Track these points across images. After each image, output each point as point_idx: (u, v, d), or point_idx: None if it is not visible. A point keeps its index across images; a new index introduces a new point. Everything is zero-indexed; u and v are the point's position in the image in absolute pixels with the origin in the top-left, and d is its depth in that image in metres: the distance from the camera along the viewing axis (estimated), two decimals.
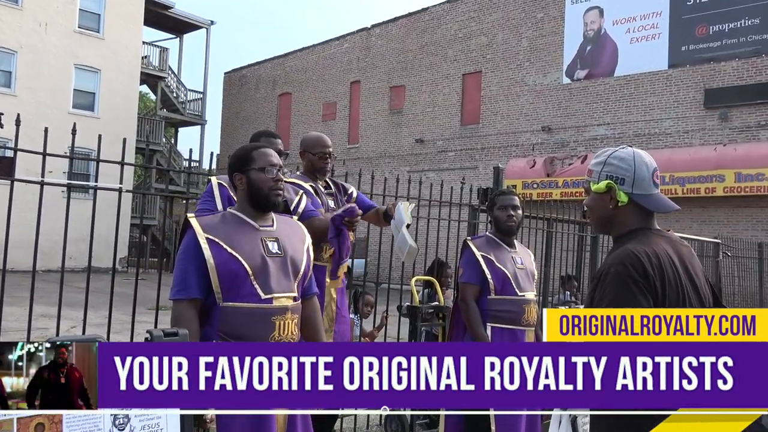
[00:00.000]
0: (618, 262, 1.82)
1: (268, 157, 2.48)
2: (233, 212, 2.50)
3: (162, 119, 27.95)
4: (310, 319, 2.61)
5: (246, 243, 2.38)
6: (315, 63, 27.88)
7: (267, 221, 2.50)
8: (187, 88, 29.60)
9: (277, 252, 2.43)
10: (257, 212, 2.48)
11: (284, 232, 2.52)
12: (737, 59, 16.92)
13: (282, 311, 2.37)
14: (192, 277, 2.33)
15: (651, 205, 1.94)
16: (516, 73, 21.15)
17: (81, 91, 23.18)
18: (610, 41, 19.22)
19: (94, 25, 23.50)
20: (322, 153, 3.65)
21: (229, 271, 2.32)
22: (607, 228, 2.02)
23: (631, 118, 18.53)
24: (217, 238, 2.36)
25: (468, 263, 3.94)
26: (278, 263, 2.42)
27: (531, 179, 19.18)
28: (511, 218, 3.95)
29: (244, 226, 2.44)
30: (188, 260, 2.35)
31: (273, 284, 2.37)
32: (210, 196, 3.11)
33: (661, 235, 1.95)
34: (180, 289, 2.34)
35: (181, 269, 2.35)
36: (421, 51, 24.01)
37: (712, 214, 16.54)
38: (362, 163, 24.22)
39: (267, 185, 2.44)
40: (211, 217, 2.46)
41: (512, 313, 3.85)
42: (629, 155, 1.96)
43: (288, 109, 28.91)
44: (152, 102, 33.78)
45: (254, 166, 2.46)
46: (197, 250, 2.34)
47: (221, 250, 2.34)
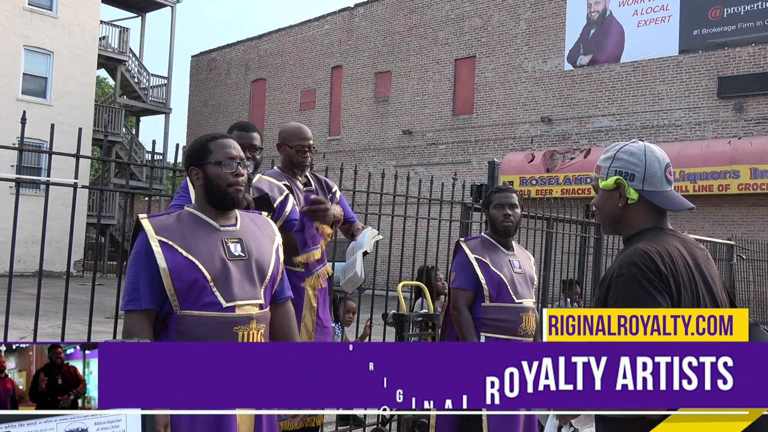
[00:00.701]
0: (630, 263, 1.84)
1: (227, 149, 2.42)
2: (191, 211, 2.46)
3: (122, 107, 27.75)
4: (282, 327, 2.59)
5: (204, 246, 2.34)
6: (292, 46, 27.82)
7: (229, 220, 2.46)
8: (150, 73, 29.39)
9: (240, 254, 2.40)
10: (217, 211, 2.44)
11: (249, 232, 2.48)
12: (753, 44, 17.10)
13: (245, 320, 2.34)
14: (144, 286, 2.30)
15: (663, 202, 1.97)
16: (513, 59, 21.23)
17: (31, 76, 22.95)
18: (615, 24, 19.35)
19: (45, 2, 23.29)
20: (300, 146, 3.63)
21: (185, 278, 2.29)
22: (617, 228, 2.05)
23: (639, 108, 18.67)
24: (171, 241, 2.32)
25: (461, 267, 3.95)
26: (241, 267, 2.38)
27: (529, 175, 19.27)
28: (508, 218, 3.96)
29: (203, 227, 2.40)
30: (139, 266, 2.31)
31: (235, 291, 2.34)
32: (186, 191, 3.08)
33: (674, 236, 1.98)
34: (131, 299, 2.30)
35: (132, 277, 2.32)
36: (409, 33, 24.04)
37: (726, 214, 16.71)
38: (344, 157, 24.22)
39: (226, 181, 2.39)
40: (165, 217, 2.42)
41: (509, 321, 3.87)
42: (640, 149, 1.99)
43: (262, 97, 28.83)
44: (111, 88, 33.54)
45: (211, 160, 2.40)
46: (149, 254, 2.30)
47: (176, 254, 2.30)
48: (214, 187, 2.40)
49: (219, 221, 2.43)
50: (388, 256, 5.81)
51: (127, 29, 28.06)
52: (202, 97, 31.55)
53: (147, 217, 2.39)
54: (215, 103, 30.69)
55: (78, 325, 9.01)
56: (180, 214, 2.44)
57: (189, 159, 2.46)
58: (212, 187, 2.40)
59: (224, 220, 2.44)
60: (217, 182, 2.39)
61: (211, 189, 2.41)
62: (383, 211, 5.23)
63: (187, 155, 2.48)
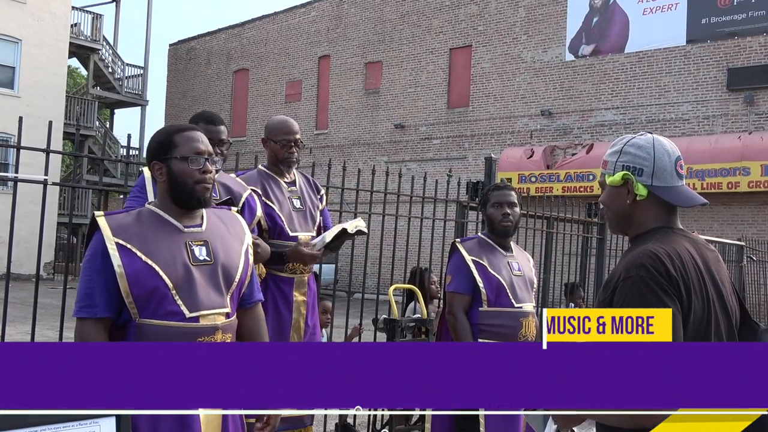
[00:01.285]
0: (638, 264, 1.84)
1: (194, 143, 2.34)
2: (152, 209, 2.38)
3: (95, 99, 27.65)
4: (252, 332, 2.54)
5: (165, 249, 2.28)
6: (277, 34, 27.78)
7: (194, 220, 2.39)
8: (124, 63, 29.31)
9: (205, 259, 2.34)
10: (182, 210, 2.36)
11: (216, 233, 2.41)
12: (765, 34, 17.20)
13: (210, 331, 2.30)
14: (99, 292, 2.23)
15: (673, 198, 1.97)
16: (512, 48, 21.28)
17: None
18: (620, 12, 19.42)
19: None
20: (286, 140, 3.61)
21: (143, 285, 2.22)
22: (625, 226, 2.05)
23: (644, 101, 18.75)
24: (129, 243, 2.24)
25: (457, 270, 3.95)
26: (206, 273, 2.33)
27: (528, 171, 19.32)
28: (507, 217, 3.96)
29: (164, 228, 2.33)
30: (94, 270, 2.24)
31: (200, 299, 2.29)
32: (141, 191, 3.02)
33: (684, 236, 1.98)
34: (84, 305, 2.24)
35: (86, 281, 2.25)
36: (401, 21, 24.05)
37: (736, 213, 16.80)
38: (332, 152, 24.21)
39: (192, 178, 2.32)
40: (124, 215, 2.34)
41: (507, 327, 3.87)
42: (648, 142, 1.99)
43: (245, 89, 28.78)
44: (83, 78, 33.38)
45: (176, 154, 2.32)
46: (105, 257, 2.23)
47: (133, 258, 2.23)
48: (179, 185, 2.32)
49: (183, 221, 2.35)
50: (379, 257, 5.81)
51: (100, 16, 27.96)
52: (181, 89, 31.46)
53: (104, 215, 2.30)
54: (194, 94, 30.61)
55: (49, 331, 8.97)
56: (140, 212, 2.36)
57: (151, 152, 2.37)
58: (177, 184, 2.32)
59: (189, 220, 2.37)
60: (182, 179, 2.31)
61: (175, 186, 2.32)
62: (374, 210, 5.22)
63: (149, 148, 2.40)
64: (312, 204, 3.72)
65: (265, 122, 3.81)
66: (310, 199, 3.73)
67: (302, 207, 3.65)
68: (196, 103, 29.94)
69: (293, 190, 3.67)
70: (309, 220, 3.66)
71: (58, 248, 26.11)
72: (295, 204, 3.62)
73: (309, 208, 3.69)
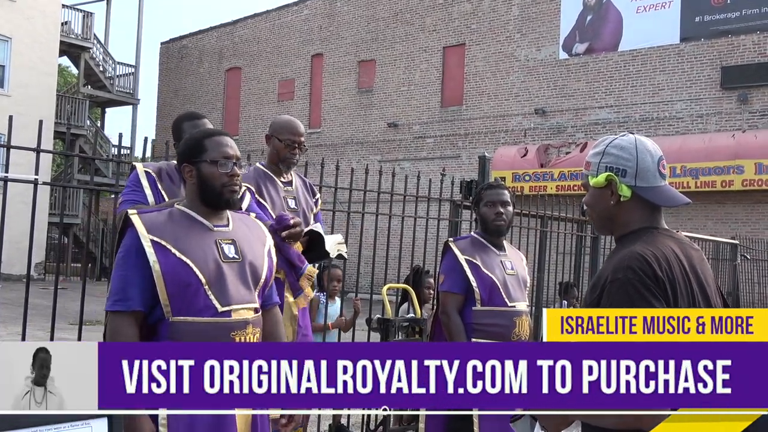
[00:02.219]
0: (625, 267, 1.86)
1: (223, 148, 2.46)
2: (182, 209, 2.49)
3: (86, 98, 27.56)
4: (271, 335, 2.62)
5: (197, 246, 2.38)
6: (269, 32, 27.75)
7: (222, 220, 2.50)
8: (116, 61, 29.24)
9: (234, 256, 2.44)
10: (210, 210, 2.48)
11: (242, 233, 2.52)
12: (758, 32, 17.26)
13: (242, 325, 2.39)
14: (133, 287, 2.31)
15: (657, 198, 1.99)
16: (505, 47, 21.30)
17: None
18: (613, 10, 19.46)
19: None
20: (290, 140, 3.65)
21: (178, 280, 2.32)
22: (609, 227, 2.07)
23: (638, 99, 18.80)
24: (164, 240, 2.34)
25: (450, 269, 3.95)
26: (236, 269, 2.43)
27: (522, 170, 19.34)
28: (500, 216, 3.97)
29: (195, 227, 2.44)
30: (129, 266, 2.33)
31: (231, 294, 2.38)
32: (137, 186, 3.07)
33: (669, 236, 2.00)
34: (118, 299, 2.32)
35: (121, 276, 2.34)
36: (394, 19, 24.05)
37: (730, 211, 16.86)
38: (325, 151, 24.19)
39: (220, 181, 2.43)
40: (155, 215, 2.44)
41: (501, 326, 3.88)
42: (630, 143, 2.01)
43: (237, 87, 28.74)
44: (74, 77, 33.26)
45: (206, 158, 2.45)
46: (140, 253, 2.32)
47: (168, 254, 2.33)
48: (207, 187, 2.44)
49: (212, 221, 2.47)
50: (372, 257, 5.82)
51: (91, 14, 27.88)
52: (173, 87, 31.38)
53: (137, 212, 2.41)
54: (186, 93, 30.54)
55: (40, 332, 8.96)
56: (171, 211, 2.47)
57: (183, 155, 2.50)
58: (206, 186, 2.44)
59: (217, 220, 2.49)
60: (211, 182, 2.44)
61: (204, 188, 2.45)
62: (367, 209, 5.23)
63: (180, 151, 2.54)
64: (307, 206, 3.75)
65: (262, 121, 3.84)
66: (305, 200, 3.76)
67: (297, 208, 3.67)
68: (188, 102, 29.88)
69: (289, 190, 3.69)
70: (303, 221, 3.67)
71: (49, 248, 26.01)
72: (290, 204, 3.64)
73: (303, 209, 3.71)
